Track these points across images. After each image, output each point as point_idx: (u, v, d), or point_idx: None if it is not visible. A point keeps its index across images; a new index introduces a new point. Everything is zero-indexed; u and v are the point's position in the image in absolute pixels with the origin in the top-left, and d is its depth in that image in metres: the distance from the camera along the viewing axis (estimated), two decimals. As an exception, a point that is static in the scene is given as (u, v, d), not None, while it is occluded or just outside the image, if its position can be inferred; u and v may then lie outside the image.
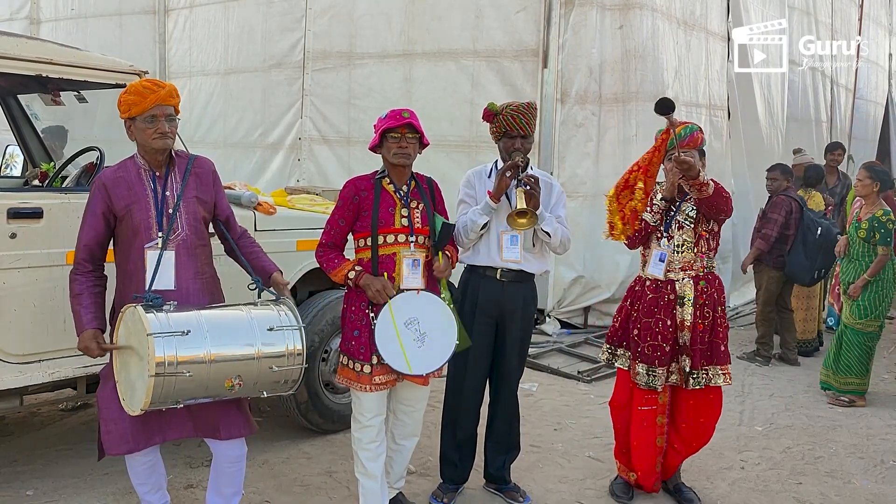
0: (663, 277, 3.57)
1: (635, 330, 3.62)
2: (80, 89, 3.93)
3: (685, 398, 3.64)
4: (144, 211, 2.81)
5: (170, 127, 2.81)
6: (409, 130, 3.15)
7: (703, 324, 3.55)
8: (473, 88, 6.92)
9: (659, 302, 3.56)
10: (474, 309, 3.54)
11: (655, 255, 3.59)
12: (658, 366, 3.54)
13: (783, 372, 6.29)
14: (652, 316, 3.57)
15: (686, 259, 3.56)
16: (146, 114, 2.77)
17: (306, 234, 4.24)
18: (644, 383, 3.57)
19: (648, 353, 3.55)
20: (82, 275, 2.84)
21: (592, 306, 6.99)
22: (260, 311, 2.84)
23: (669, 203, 3.57)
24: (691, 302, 3.54)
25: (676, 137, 3.36)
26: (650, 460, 3.70)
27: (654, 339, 3.54)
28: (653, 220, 3.57)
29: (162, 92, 2.78)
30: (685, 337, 3.55)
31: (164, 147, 2.83)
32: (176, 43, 9.05)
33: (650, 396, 3.62)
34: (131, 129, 2.83)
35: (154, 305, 2.66)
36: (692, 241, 3.55)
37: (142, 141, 2.82)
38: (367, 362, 3.15)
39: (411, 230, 3.20)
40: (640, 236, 3.64)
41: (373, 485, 3.27)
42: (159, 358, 2.53)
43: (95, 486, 3.69)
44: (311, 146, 8.00)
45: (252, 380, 2.75)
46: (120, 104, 2.81)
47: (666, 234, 3.58)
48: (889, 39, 14.29)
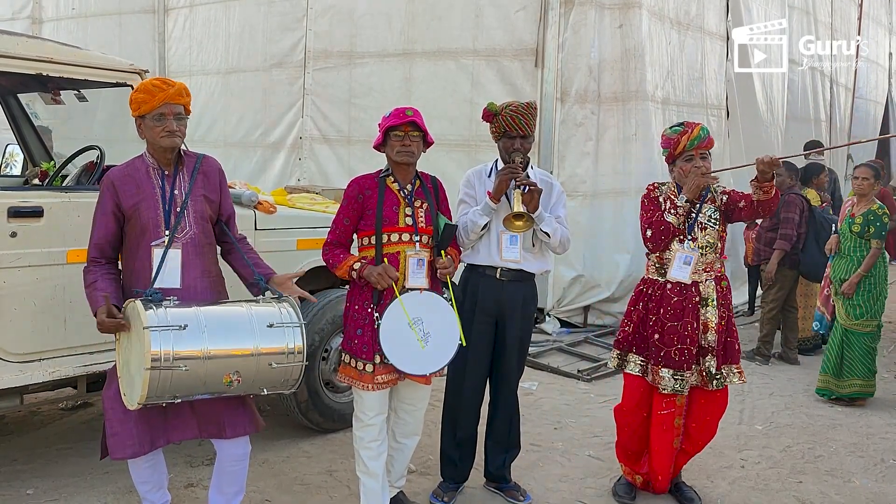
0: (688, 280, 3.51)
1: (656, 335, 3.54)
2: (80, 88, 3.93)
3: (697, 398, 3.61)
4: (153, 209, 2.82)
5: (178, 125, 2.81)
6: (413, 128, 3.15)
7: (721, 324, 3.53)
8: (473, 88, 6.93)
9: (685, 305, 3.49)
10: (474, 308, 3.54)
11: (680, 257, 3.51)
12: (685, 370, 3.49)
13: (783, 371, 6.29)
14: (678, 319, 3.49)
15: (708, 260, 3.52)
16: (155, 112, 2.78)
17: (307, 233, 4.24)
18: (671, 388, 3.50)
19: (676, 357, 3.48)
20: (95, 266, 2.85)
21: (592, 305, 6.99)
22: (261, 307, 2.85)
23: (691, 205, 3.52)
24: (715, 303, 3.51)
25: (694, 140, 3.40)
26: (669, 464, 3.68)
27: (682, 343, 3.47)
28: (677, 223, 3.50)
29: (171, 90, 2.79)
30: (710, 338, 3.51)
31: (173, 145, 2.84)
32: (175, 42, 9.06)
33: (669, 400, 3.56)
34: (141, 127, 2.84)
35: (153, 301, 2.67)
36: (715, 243, 3.53)
37: (150, 139, 2.84)
38: (370, 361, 3.15)
39: (415, 229, 3.20)
40: (665, 239, 3.51)
41: (374, 484, 3.27)
42: (154, 352, 2.54)
43: (96, 485, 3.69)
44: (311, 145, 8.01)
45: (251, 376, 2.75)
46: (131, 102, 2.83)
47: (690, 236, 3.52)
48: (889, 38, 14.30)
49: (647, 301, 3.62)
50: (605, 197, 6.84)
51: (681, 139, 3.48)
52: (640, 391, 3.64)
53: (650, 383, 3.60)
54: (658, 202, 3.59)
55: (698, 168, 3.44)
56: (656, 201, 3.60)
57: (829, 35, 11.00)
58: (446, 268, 3.22)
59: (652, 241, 3.53)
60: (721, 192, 3.56)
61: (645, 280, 3.68)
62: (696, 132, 3.44)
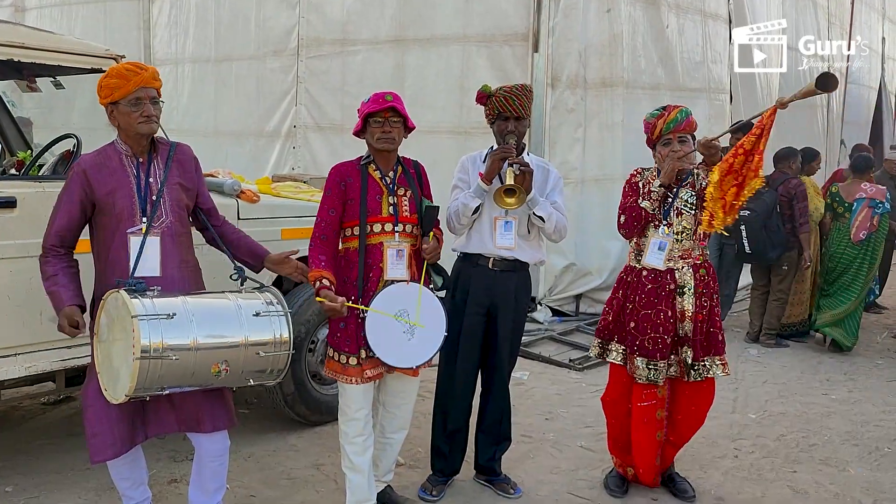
0: (663, 267, 3.44)
1: (632, 323, 3.47)
2: (55, 75, 3.81)
3: (682, 390, 3.54)
4: (128, 198, 2.73)
5: (155, 110, 2.72)
6: (393, 114, 3.06)
7: (702, 314, 3.44)
8: (464, 74, 6.82)
9: (659, 292, 3.42)
10: (465, 298, 3.47)
11: (654, 243, 3.44)
12: (659, 359, 3.41)
13: (776, 358, 6.24)
14: (652, 307, 3.42)
15: (685, 247, 3.44)
16: (130, 97, 2.67)
17: (291, 222, 4.15)
18: (645, 378, 3.43)
19: (649, 346, 3.41)
20: (55, 257, 2.76)
21: (584, 294, 6.92)
22: (245, 297, 2.80)
23: (667, 190, 3.44)
24: (692, 291, 3.43)
25: (671, 123, 3.30)
26: (652, 457, 3.60)
27: (655, 332, 3.40)
28: (651, 208, 3.42)
29: (145, 74, 2.69)
30: (686, 328, 3.43)
31: (150, 131, 2.74)
32: (161, 29, 8.90)
33: (649, 391, 3.49)
34: (113, 113, 2.73)
35: (138, 290, 2.60)
36: (691, 229, 3.44)
37: (125, 126, 2.73)
38: (354, 354, 3.08)
39: (396, 219, 3.12)
40: (637, 225, 3.45)
41: (360, 479, 3.20)
42: (144, 342, 2.48)
43: (77, 482, 3.61)
44: (305, 134, 7.90)
45: (239, 366, 2.70)
46: (101, 88, 2.71)
47: (665, 221, 3.45)
48: (882, 23, 14.21)
49: (626, 288, 3.55)
50: (595, 184, 6.76)
51: (657, 123, 3.39)
52: (623, 381, 3.57)
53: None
54: (637, 187, 3.51)
55: (675, 153, 3.35)
56: (636, 187, 3.51)
57: (826, 19, 10.91)
58: (430, 251, 3.12)
59: (625, 227, 3.48)
60: (703, 176, 3.46)
61: (626, 267, 3.61)
62: (672, 115, 3.34)
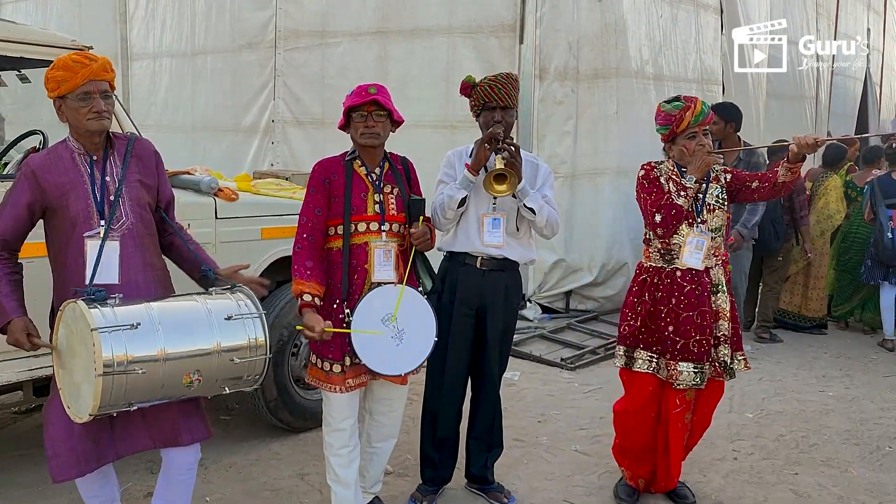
0: (701, 267, 3.25)
1: (671, 327, 3.26)
2: (18, 67, 3.59)
3: (699, 391, 3.37)
4: (83, 199, 2.52)
5: (106, 105, 2.51)
6: (377, 108, 2.89)
7: (733, 311, 3.32)
8: (450, 66, 6.64)
9: (698, 293, 3.23)
10: (453, 299, 3.30)
11: (692, 242, 3.23)
12: (706, 361, 3.24)
13: (771, 354, 6.14)
14: (693, 309, 3.22)
15: (717, 244, 3.29)
16: (78, 91, 2.47)
17: (272, 220, 3.98)
18: (689, 383, 3.23)
19: (694, 349, 3.21)
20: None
21: (574, 290, 6.76)
22: (215, 300, 2.60)
23: (699, 186, 3.26)
24: (724, 288, 3.29)
25: (699, 116, 3.17)
26: (681, 462, 3.46)
27: (701, 333, 3.21)
28: (686, 205, 3.21)
29: (94, 66, 2.48)
30: (723, 327, 3.27)
31: (101, 128, 2.53)
32: (138, 23, 8.68)
33: (682, 396, 3.32)
34: (62, 109, 2.53)
35: (97, 299, 2.40)
36: (723, 225, 3.29)
37: (75, 122, 2.52)
38: (338, 361, 2.91)
39: (383, 218, 2.95)
40: (677, 224, 3.21)
41: (346, 493, 3.04)
42: (107, 356, 2.29)
43: (47, 497, 3.43)
44: (284, 129, 7.70)
45: (212, 375, 2.51)
46: (47, 81, 2.50)
47: (699, 219, 3.26)
48: (867, 14, 14.17)
49: (653, 291, 3.33)
50: (585, 178, 6.62)
51: (684, 115, 3.20)
52: (650, 389, 3.36)
53: (662, 380, 3.34)
54: (660, 183, 3.32)
55: (703, 146, 3.20)
56: (657, 182, 3.32)
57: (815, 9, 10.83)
58: (418, 237, 2.94)
59: (662, 225, 3.22)
60: (723, 170, 3.33)
61: (646, 268, 3.39)
62: (699, 107, 3.18)
